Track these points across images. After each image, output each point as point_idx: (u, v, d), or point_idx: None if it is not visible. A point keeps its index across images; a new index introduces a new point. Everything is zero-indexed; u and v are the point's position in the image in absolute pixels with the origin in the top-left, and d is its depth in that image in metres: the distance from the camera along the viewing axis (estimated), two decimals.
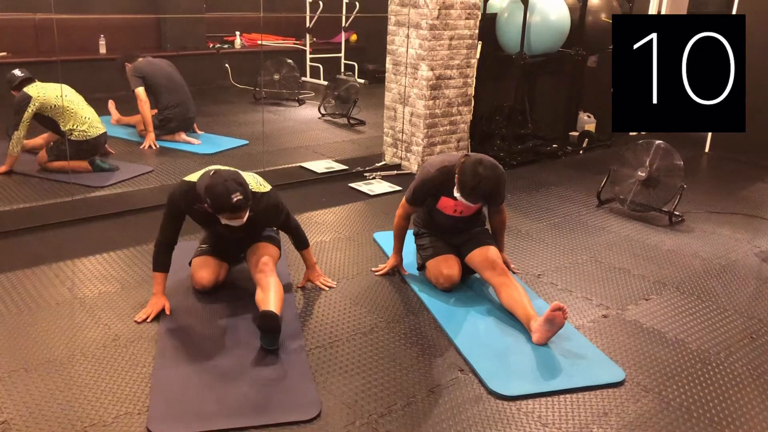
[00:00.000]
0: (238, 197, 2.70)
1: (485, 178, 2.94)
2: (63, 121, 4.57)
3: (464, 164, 2.98)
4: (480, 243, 3.28)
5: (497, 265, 3.16)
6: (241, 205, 2.73)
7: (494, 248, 3.27)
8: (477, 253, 3.25)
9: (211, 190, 2.71)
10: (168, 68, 5.76)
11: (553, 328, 2.77)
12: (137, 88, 5.47)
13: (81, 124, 4.63)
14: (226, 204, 2.70)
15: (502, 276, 3.12)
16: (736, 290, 3.50)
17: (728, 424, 2.41)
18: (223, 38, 8.65)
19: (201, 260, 3.17)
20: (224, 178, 2.72)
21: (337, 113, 6.82)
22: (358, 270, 3.53)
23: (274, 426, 2.28)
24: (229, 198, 2.69)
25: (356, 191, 4.81)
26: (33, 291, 3.15)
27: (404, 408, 2.42)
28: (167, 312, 2.94)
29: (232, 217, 2.77)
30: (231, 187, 2.70)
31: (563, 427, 2.35)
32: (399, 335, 2.90)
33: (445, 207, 3.24)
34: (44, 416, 2.28)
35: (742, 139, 6.12)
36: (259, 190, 2.96)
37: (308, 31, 8.78)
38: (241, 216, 2.79)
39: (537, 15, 5.36)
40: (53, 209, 4.05)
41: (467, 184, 2.95)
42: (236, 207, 2.72)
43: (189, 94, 5.77)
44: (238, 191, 2.71)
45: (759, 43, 5.86)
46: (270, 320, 2.65)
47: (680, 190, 4.38)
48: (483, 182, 2.94)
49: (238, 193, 2.70)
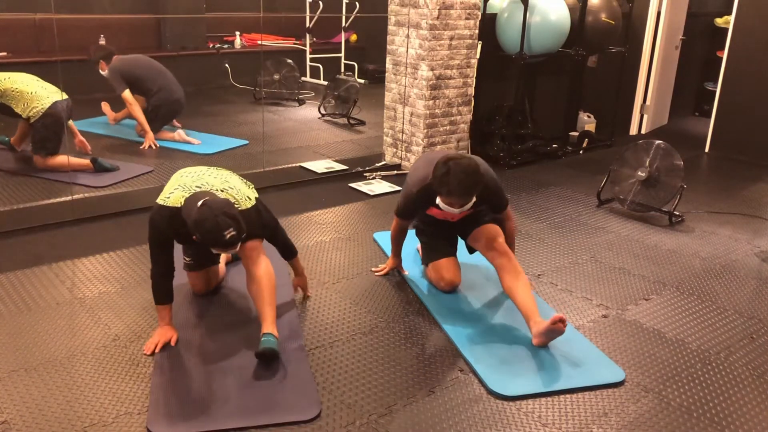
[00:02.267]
0: (231, 233, 2.50)
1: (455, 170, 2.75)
2: (14, 105, 4.53)
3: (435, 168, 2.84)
4: (480, 222, 3.14)
5: (499, 245, 3.04)
6: (234, 241, 2.53)
7: (495, 226, 3.12)
8: (477, 233, 3.13)
9: (201, 226, 2.49)
10: (143, 59, 5.73)
11: (554, 335, 2.76)
12: (123, 93, 5.45)
13: (29, 101, 4.53)
14: (218, 241, 2.50)
15: (503, 257, 3.02)
16: (736, 290, 3.50)
17: (728, 424, 2.41)
18: (223, 38, 8.64)
19: (190, 275, 3.12)
20: (215, 213, 2.49)
21: (337, 113, 6.82)
22: (358, 270, 3.53)
23: (274, 426, 2.28)
24: (222, 235, 2.49)
25: (356, 191, 4.81)
26: (33, 291, 3.15)
27: (404, 408, 2.42)
28: (172, 344, 2.73)
29: (226, 251, 2.62)
30: (223, 223, 2.48)
31: (563, 427, 2.35)
32: (399, 335, 2.90)
33: (435, 214, 3.17)
34: (44, 416, 2.28)
35: (742, 139, 6.13)
36: (245, 206, 2.76)
37: (308, 31, 8.78)
38: (235, 248, 2.61)
39: (537, 15, 5.36)
40: (53, 209, 4.05)
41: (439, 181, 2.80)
42: (229, 243, 2.53)
43: (171, 77, 5.69)
44: (231, 227, 2.50)
45: (758, 44, 5.87)
46: (269, 356, 2.56)
47: (680, 190, 4.38)
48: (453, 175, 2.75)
49: (231, 229, 2.49)
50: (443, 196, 2.86)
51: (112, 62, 5.52)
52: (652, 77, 6.80)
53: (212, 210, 2.49)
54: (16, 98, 4.52)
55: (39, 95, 4.55)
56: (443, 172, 2.78)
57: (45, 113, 4.54)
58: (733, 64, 6.05)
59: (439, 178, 2.80)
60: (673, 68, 7.23)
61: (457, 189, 2.79)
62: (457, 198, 2.84)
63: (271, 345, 2.56)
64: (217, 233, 2.48)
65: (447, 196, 2.85)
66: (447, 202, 2.89)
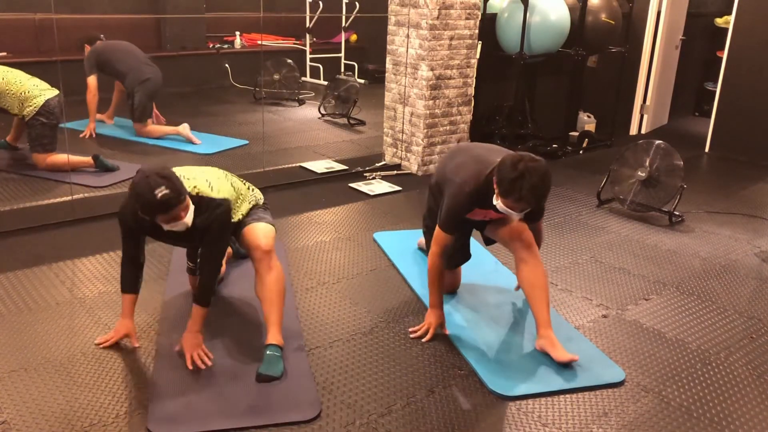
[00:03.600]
0: (163, 192, 2.30)
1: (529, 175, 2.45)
2: (9, 105, 4.52)
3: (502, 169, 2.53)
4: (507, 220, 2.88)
5: (524, 237, 2.83)
6: (169, 200, 2.32)
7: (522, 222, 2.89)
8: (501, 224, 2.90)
9: (134, 191, 2.34)
10: (121, 44, 5.75)
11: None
12: (89, 77, 5.50)
13: (24, 100, 4.51)
14: (152, 202, 2.31)
15: (527, 250, 2.81)
16: (736, 290, 3.50)
17: (728, 424, 2.41)
18: (223, 38, 8.64)
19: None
20: (146, 174, 2.33)
21: (337, 113, 6.82)
22: (358, 270, 3.53)
23: (274, 426, 2.28)
24: (153, 194, 2.29)
25: (356, 191, 4.81)
26: (33, 291, 3.15)
27: (404, 408, 2.42)
28: (133, 342, 2.69)
29: (168, 218, 2.39)
30: (154, 182, 2.30)
31: (563, 427, 2.35)
32: (399, 335, 2.90)
33: (474, 215, 2.85)
34: (44, 416, 2.28)
35: (742, 139, 6.13)
36: (210, 195, 2.57)
37: (308, 31, 8.78)
38: (180, 216, 2.40)
39: (537, 15, 5.37)
40: (53, 209, 4.05)
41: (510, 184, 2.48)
42: (164, 204, 2.32)
43: (142, 58, 5.68)
44: (163, 185, 2.30)
45: (758, 44, 5.86)
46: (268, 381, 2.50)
47: (680, 190, 4.38)
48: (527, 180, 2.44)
49: (162, 188, 2.30)
50: (510, 200, 2.52)
51: (93, 46, 5.63)
52: (652, 77, 6.80)
53: (144, 173, 2.36)
54: (9, 98, 4.51)
55: (32, 93, 4.55)
56: (515, 176, 2.46)
57: (39, 111, 4.55)
58: (733, 64, 6.05)
59: (510, 181, 2.47)
60: (673, 68, 7.23)
61: (530, 195, 2.48)
62: (526, 204, 2.53)
63: (272, 370, 2.51)
64: (149, 194, 2.30)
65: (516, 202, 2.51)
66: (508, 205, 2.55)
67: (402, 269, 3.53)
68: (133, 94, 5.58)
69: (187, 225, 2.46)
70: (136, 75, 5.57)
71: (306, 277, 3.42)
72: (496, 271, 3.58)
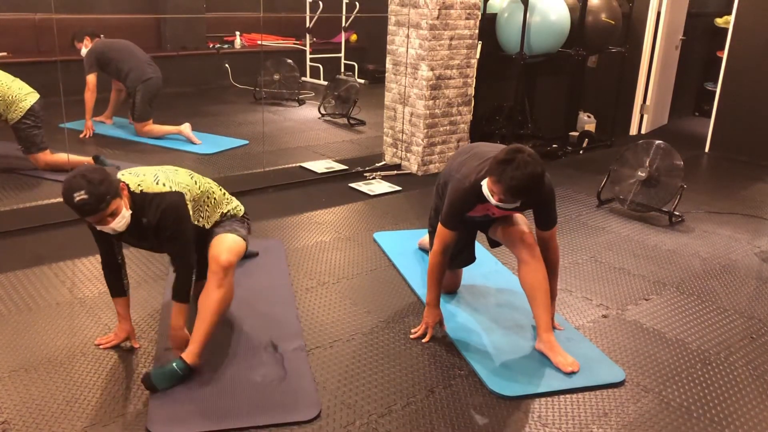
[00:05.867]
0: (81, 196, 2.23)
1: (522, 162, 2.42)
2: None
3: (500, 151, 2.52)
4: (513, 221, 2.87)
5: (527, 238, 2.78)
6: (84, 206, 2.26)
7: (523, 218, 2.86)
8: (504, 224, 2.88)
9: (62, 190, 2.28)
10: (121, 42, 5.74)
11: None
12: (89, 75, 5.49)
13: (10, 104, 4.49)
14: (70, 204, 2.26)
15: (529, 251, 2.76)
16: (736, 290, 3.50)
17: (728, 424, 2.41)
18: (223, 38, 8.64)
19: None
20: (74, 174, 2.27)
21: (337, 113, 6.82)
22: (358, 270, 3.53)
23: (274, 426, 2.28)
24: (71, 197, 2.24)
25: (356, 191, 4.81)
26: (33, 291, 3.15)
27: (404, 408, 2.42)
28: (134, 344, 2.70)
29: (94, 221, 2.36)
30: (75, 185, 2.24)
31: (563, 427, 2.35)
32: (399, 335, 2.90)
33: (476, 211, 2.81)
34: (44, 416, 2.28)
35: (742, 139, 6.13)
36: (154, 190, 2.49)
37: (308, 31, 8.78)
38: (107, 222, 2.35)
39: (537, 15, 5.37)
40: (53, 209, 4.04)
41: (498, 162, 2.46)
42: (80, 209, 2.26)
43: (144, 58, 5.67)
44: (83, 189, 2.23)
45: (758, 44, 5.86)
46: (147, 387, 2.41)
47: (680, 190, 4.38)
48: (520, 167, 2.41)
49: (82, 192, 2.23)
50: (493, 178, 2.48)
51: (93, 44, 5.62)
52: (652, 77, 6.80)
53: (74, 172, 2.29)
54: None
55: (18, 97, 4.55)
56: (505, 159, 2.44)
57: (25, 114, 4.56)
58: (733, 64, 6.05)
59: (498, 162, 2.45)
60: (673, 68, 7.23)
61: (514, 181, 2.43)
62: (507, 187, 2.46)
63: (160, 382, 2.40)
64: (68, 195, 2.25)
65: (498, 182, 2.46)
66: (491, 188, 2.52)
67: (402, 269, 3.53)
68: (134, 94, 5.58)
69: (115, 230, 2.41)
70: (139, 74, 5.57)
71: (306, 277, 3.42)
72: (496, 271, 3.58)
